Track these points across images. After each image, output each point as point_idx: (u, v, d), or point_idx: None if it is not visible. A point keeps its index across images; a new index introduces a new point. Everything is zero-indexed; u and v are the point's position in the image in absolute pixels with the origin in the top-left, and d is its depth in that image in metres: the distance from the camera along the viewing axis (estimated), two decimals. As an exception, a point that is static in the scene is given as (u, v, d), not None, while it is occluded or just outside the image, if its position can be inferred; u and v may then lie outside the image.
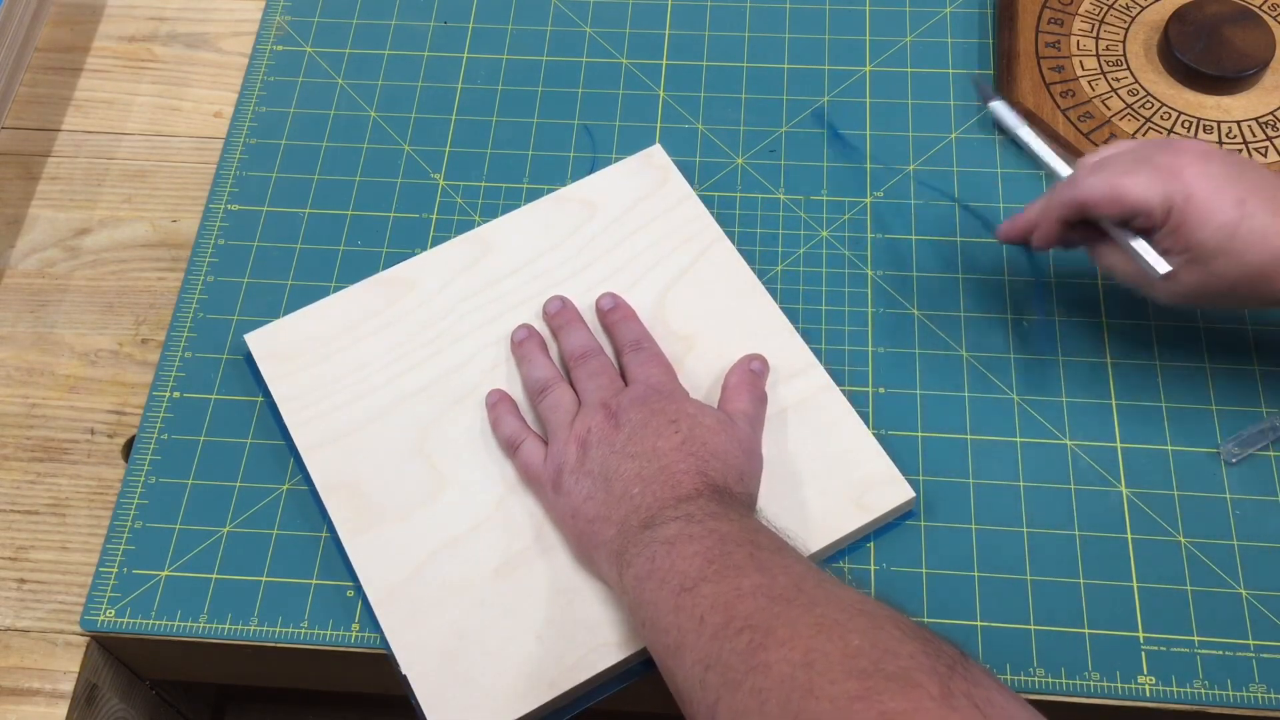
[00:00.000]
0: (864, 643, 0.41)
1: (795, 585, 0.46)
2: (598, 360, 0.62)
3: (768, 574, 0.46)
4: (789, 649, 0.42)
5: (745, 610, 0.45)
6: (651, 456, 0.54)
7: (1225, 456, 0.62)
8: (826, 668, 0.41)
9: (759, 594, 0.45)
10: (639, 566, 0.50)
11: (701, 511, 0.51)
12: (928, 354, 0.66)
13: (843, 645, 0.41)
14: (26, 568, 0.62)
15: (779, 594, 0.45)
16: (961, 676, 0.40)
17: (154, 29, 0.81)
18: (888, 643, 0.41)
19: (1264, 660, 0.57)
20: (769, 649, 0.43)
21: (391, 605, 0.58)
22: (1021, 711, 0.40)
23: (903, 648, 0.41)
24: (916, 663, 0.40)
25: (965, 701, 0.38)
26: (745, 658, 0.43)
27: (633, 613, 0.52)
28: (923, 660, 0.40)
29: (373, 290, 0.67)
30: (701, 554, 0.48)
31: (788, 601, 0.45)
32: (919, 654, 0.40)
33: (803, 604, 0.44)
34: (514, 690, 0.55)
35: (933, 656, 0.40)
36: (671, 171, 0.70)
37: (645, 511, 0.52)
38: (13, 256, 0.72)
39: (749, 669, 0.43)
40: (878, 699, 0.39)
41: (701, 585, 0.47)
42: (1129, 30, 0.76)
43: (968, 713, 0.38)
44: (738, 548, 0.48)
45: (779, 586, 0.46)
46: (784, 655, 0.42)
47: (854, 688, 0.40)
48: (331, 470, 0.61)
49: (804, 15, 0.79)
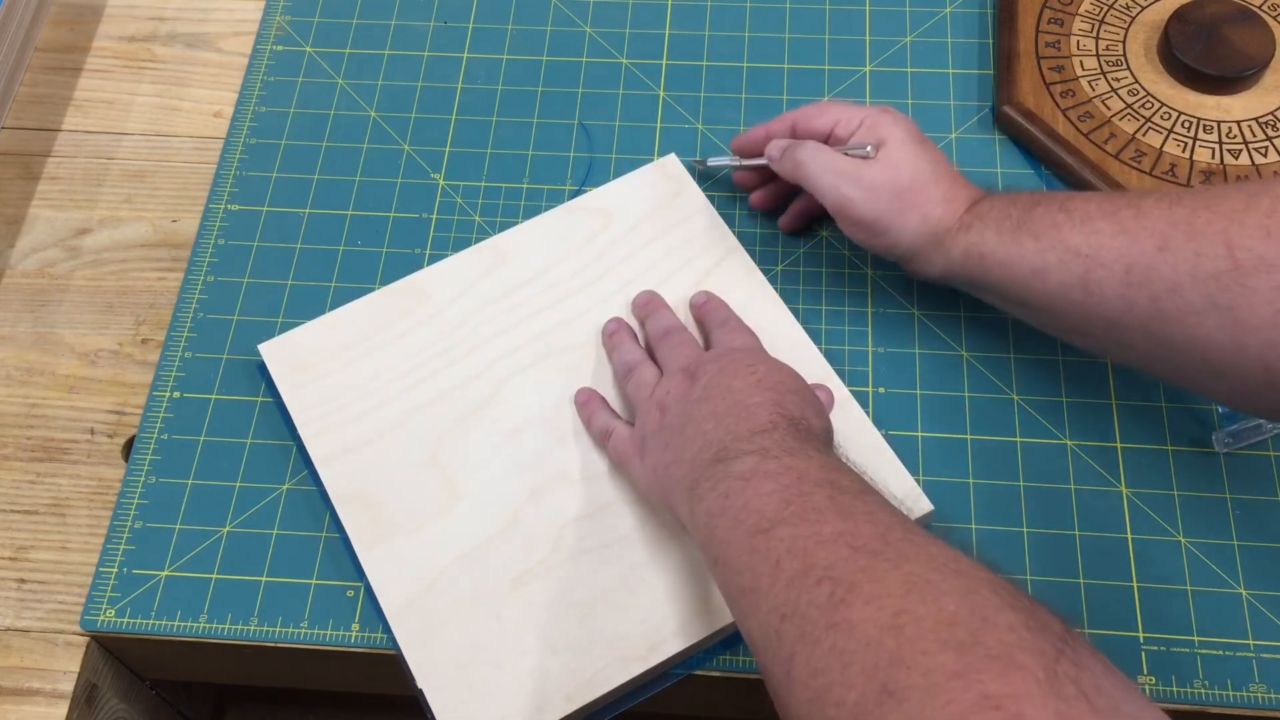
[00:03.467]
0: (960, 609, 0.38)
1: (881, 536, 0.43)
2: (680, 335, 0.62)
3: (850, 520, 0.44)
4: (875, 608, 0.39)
5: (826, 559, 0.42)
6: (725, 394, 0.53)
7: (1218, 446, 0.62)
8: (918, 634, 0.38)
9: (840, 542, 0.43)
10: (711, 502, 0.49)
11: (778, 446, 0.49)
12: (928, 354, 0.66)
13: (936, 609, 0.38)
14: (26, 568, 0.62)
15: (863, 544, 0.42)
16: (1069, 659, 0.36)
17: (154, 29, 0.81)
18: (986, 611, 0.38)
19: (1264, 660, 0.57)
20: (852, 605, 0.40)
21: (407, 618, 0.57)
22: (1130, 698, 0.37)
23: (1003, 618, 0.37)
24: (1019, 638, 0.37)
25: (1073, 689, 0.35)
26: (826, 612, 0.40)
27: (703, 549, 0.50)
28: (1025, 636, 0.37)
29: (386, 300, 0.67)
30: (778, 493, 0.46)
31: (873, 554, 0.42)
32: (1021, 628, 0.37)
33: (890, 558, 0.41)
34: (530, 704, 0.55)
35: (1036, 632, 0.37)
36: (686, 181, 0.70)
37: (718, 445, 0.51)
38: (13, 256, 0.72)
39: (829, 625, 0.40)
40: (977, 679, 0.35)
41: (778, 527, 0.45)
42: (1129, 30, 0.76)
43: (1076, 703, 0.35)
44: (817, 488, 0.46)
45: (863, 536, 0.43)
46: (869, 615, 0.39)
47: (950, 662, 0.36)
48: (346, 481, 0.61)
49: (804, 15, 0.79)
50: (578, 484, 0.61)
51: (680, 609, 0.57)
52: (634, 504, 0.60)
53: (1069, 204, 0.56)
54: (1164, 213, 0.52)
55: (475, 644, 0.56)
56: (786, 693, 0.41)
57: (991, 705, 0.35)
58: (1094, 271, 0.54)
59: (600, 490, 0.60)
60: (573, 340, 0.65)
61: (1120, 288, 0.53)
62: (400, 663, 0.57)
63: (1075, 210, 0.55)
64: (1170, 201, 0.53)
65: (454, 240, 0.70)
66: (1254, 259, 0.49)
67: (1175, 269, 0.51)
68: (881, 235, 0.61)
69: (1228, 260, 0.50)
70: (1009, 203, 0.58)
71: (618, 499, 0.60)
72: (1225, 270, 0.50)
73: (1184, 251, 0.51)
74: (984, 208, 0.59)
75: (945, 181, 0.60)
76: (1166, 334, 0.52)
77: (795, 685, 0.41)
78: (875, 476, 0.50)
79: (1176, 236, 0.51)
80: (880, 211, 0.60)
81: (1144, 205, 0.53)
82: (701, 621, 0.57)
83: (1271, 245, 0.49)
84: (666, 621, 0.57)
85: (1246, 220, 0.50)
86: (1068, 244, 0.55)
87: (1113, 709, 0.36)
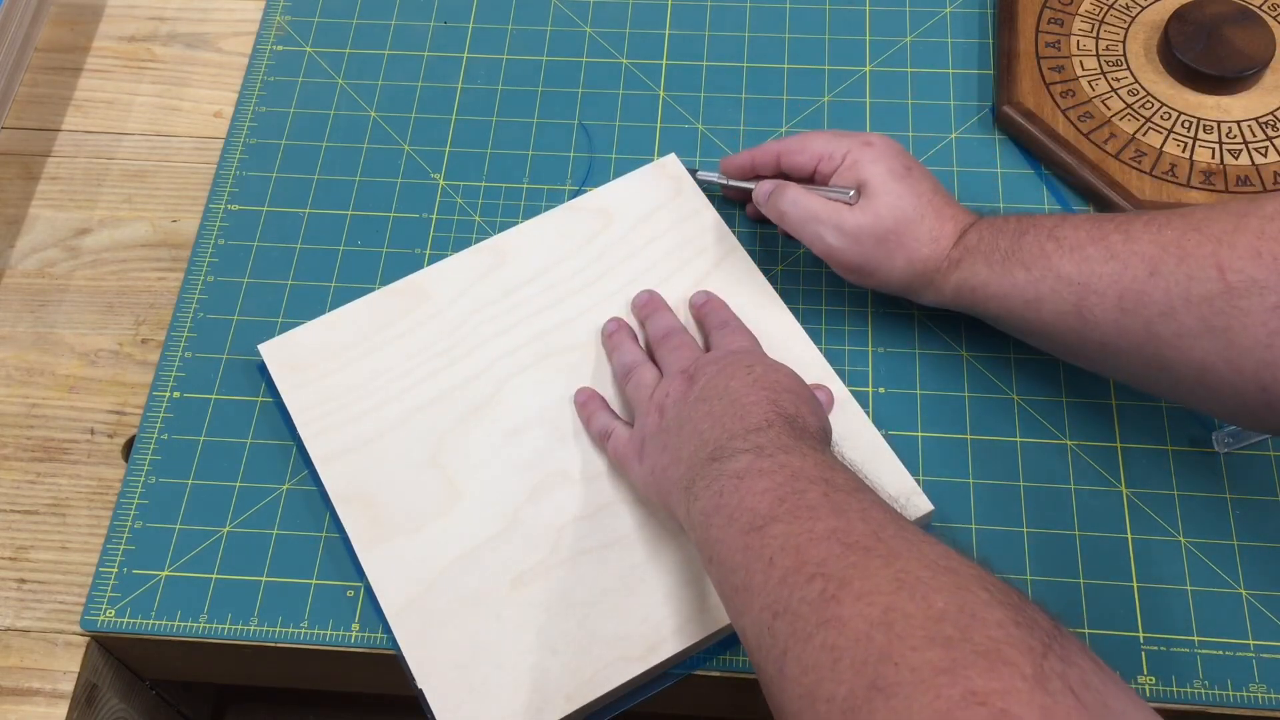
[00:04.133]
0: (949, 605, 0.38)
1: (873, 533, 0.43)
2: (680, 337, 0.62)
3: (843, 517, 0.44)
4: (865, 604, 0.39)
5: (818, 556, 0.42)
6: (722, 394, 0.53)
7: (1218, 446, 0.62)
8: (907, 631, 0.38)
9: (833, 539, 0.43)
10: (706, 500, 0.49)
11: (772, 444, 0.49)
12: (928, 354, 0.66)
13: (925, 606, 0.38)
14: (26, 568, 0.62)
15: (855, 541, 0.42)
16: (1057, 655, 0.36)
17: (154, 29, 0.81)
18: (975, 608, 0.38)
19: (1264, 660, 0.57)
20: (843, 602, 0.40)
21: (407, 618, 0.57)
22: (1118, 694, 0.37)
23: (991, 615, 0.38)
24: (1007, 634, 0.37)
25: (1060, 685, 0.35)
26: (817, 609, 0.41)
27: (699, 549, 0.50)
28: (1014, 632, 0.37)
29: (387, 300, 0.67)
30: (772, 490, 0.46)
31: (865, 550, 0.42)
32: (1009, 624, 0.37)
33: (881, 554, 0.41)
34: (530, 704, 0.55)
35: (1025, 629, 0.37)
36: (686, 181, 0.70)
37: (714, 444, 0.51)
38: (13, 256, 0.72)
39: (821, 622, 0.40)
40: (964, 674, 0.36)
41: (771, 525, 0.45)
42: (1129, 30, 0.76)
43: (1063, 699, 0.35)
44: (811, 485, 0.46)
45: (855, 533, 0.43)
46: (860, 611, 0.39)
47: (938, 658, 0.37)
48: (346, 482, 0.61)
49: (804, 15, 0.79)
50: (578, 484, 0.61)
51: (680, 609, 0.57)
52: (634, 504, 0.60)
53: (1057, 230, 0.56)
54: (1153, 236, 0.53)
55: (475, 644, 0.56)
56: (778, 689, 0.41)
57: (977, 701, 0.35)
58: (1087, 299, 0.54)
59: (600, 490, 0.60)
60: (573, 340, 0.65)
61: (1114, 314, 0.53)
62: (400, 663, 0.57)
63: (1064, 238, 0.55)
64: (1159, 224, 0.53)
65: (454, 240, 0.70)
66: (1245, 281, 0.49)
67: (1168, 293, 0.51)
68: (870, 277, 0.62)
69: (1219, 283, 0.50)
70: (996, 232, 0.58)
71: (617, 499, 0.60)
72: (1218, 293, 0.50)
73: (1175, 275, 0.51)
74: (972, 240, 0.59)
75: (929, 218, 0.60)
76: (1162, 357, 0.52)
77: (787, 682, 0.41)
78: (875, 476, 0.50)
79: (1167, 260, 0.51)
80: (865, 257, 0.61)
81: (1133, 229, 0.53)
82: (701, 622, 0.57)
83: (1262, 266, 0.49)
84: (666, 622, 0.57)
85: (1236, 242, 0.50)
86: (1059, 273, 0.55)
87: (1100, 705, 0.36)
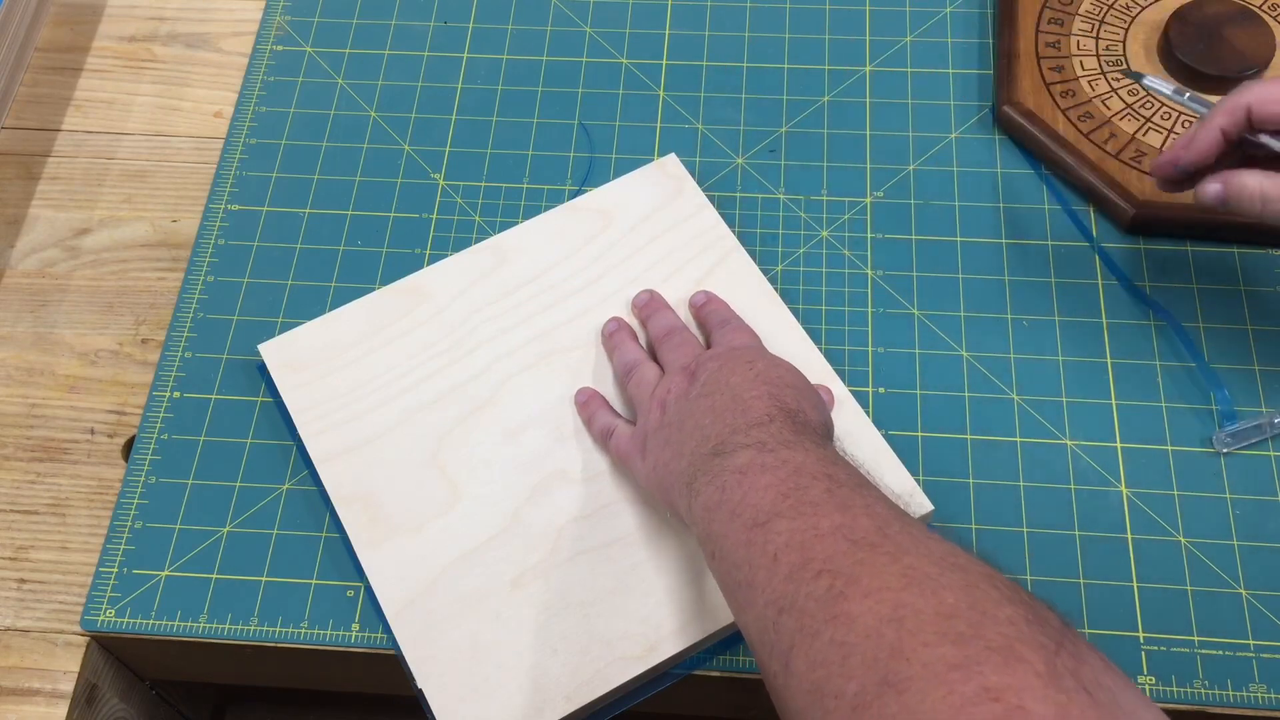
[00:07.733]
0: (959, 602, 0.38)
1: (879, 529, 0.42)
2: (681, 335, 0.62)
3: (848, 513, 0.44)
4: (875, 600, 0.39)
5: (824, 552, 0.42)
6: (724, 390, 0.53)
7: (1218, 445, 0.62)
8: (918, 627, 0.37)
9: (839, 535, 0.42)
10: (708, 496, 0.48)
11: (774, 439, 0.48)
12: (928, 354, 0.66)
13: (936, 602, 0.38)
14: (26, 568, 0.62)
15: (861, 538, 0.42)
16: (1069, 653, 0.36)
17: (154, 29, 0.81)
18: (985, 605, 0.38)
19: (1264, 660, 0.57)
20: (851, 598, 0.39)
21: (407, 618, 0.57)
22: (1128, 692, 0.37)
23: (1002, 612, 0.37)
24: (1019, 631, 0.37)
25: (1073, 682, 0.35)
26: (825, 605, 0.40)
27: (701, 544, 0.49)
28: (1025, 629, 0.37)
29: (386, 300, 0.67)
30: (775, 486, 0.46)
31: (871, 547, 0.41)
32: (1021, 621, 0.37)
33: (888, 551, 0.41)
34: (530, 704, 0.55)
35: (1036, 626, 0.37)
36: (686, 181, 0.70)
37: (715, 439, 0.50)
38: (13, 256, 0.72)
39: (829, 618, 0.40)
40: (978, 670, 0.35)
41: (775, 521, 0.44)
42: (1129, 30, 0.76)
43: (1076, 696, 0.35)
44: (814, 481, 0.46)
45: (861, 529, 0.42)
46: (869, 607, 0.39)
47: (950, 654, 0.36)
48: (346, 482, 0.61)
49: (804, 15, 0.79)
50: (578, 484, 0.61)
51: (680, 609, 0.57)
52: (634, 504, 0.60)
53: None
54: None
55: (475, 644, 0.56)
56: (784, 685, 0.41)
57: (991, 697, 0.35)
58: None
59: (600, 490, 0.60)
60: (573, 340, 0.65)
61: None
62: (400, 663, 0.57)
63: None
64: None
65: (454, 240, 0.70)
66: None
67: None
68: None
69: None
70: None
71: (617, 499, 0.60)
72: None
73: None
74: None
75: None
76: None
77: (793, 677, 0.40)
78: (875, 476, 0.50)
79: None
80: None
81: None
82: (701, 622, 0.57)
83: None
84: (666, 621, 0.57)
85: None
86: None
87: (1112, 702, 0.36)
